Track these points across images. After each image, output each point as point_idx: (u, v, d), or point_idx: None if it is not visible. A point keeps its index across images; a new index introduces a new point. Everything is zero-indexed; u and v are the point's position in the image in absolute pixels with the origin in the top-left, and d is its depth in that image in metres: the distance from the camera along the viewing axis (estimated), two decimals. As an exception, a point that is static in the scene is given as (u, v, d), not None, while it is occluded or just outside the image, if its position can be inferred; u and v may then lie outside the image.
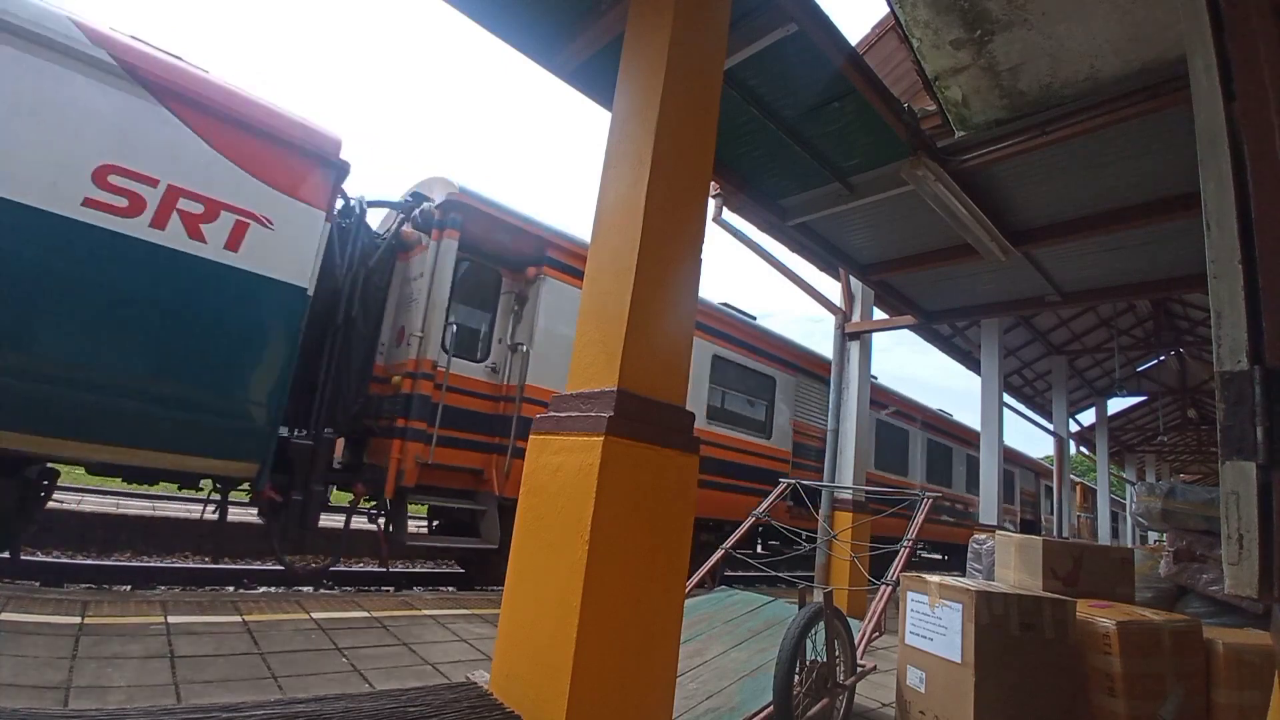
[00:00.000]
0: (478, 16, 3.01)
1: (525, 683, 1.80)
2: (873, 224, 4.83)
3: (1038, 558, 2.97)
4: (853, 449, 6.18)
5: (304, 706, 1.54)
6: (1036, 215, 4.44)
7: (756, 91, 3.38)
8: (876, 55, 4.33)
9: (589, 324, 2.05)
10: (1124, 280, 5.35)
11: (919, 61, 3.25)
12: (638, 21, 2.31)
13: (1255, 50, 1.40)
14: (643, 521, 1.85)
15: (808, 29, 2.79)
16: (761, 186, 4.43)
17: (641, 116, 2.09)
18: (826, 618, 2.17)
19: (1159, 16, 2.72)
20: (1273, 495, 1.19)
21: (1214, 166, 1.43)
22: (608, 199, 2.15)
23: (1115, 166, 3.74)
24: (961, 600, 2.32)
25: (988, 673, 2.22)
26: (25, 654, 2.27)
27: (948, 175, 3.79)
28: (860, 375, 6.38)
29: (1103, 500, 13.12)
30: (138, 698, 2.05)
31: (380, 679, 2.56)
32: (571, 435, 1.87)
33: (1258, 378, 1.24)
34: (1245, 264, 1.33)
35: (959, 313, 6.48)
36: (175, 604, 3.23)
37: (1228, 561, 1.23)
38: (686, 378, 2.10)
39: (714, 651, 2.60)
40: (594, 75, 3.25)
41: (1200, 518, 3.31)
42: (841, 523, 5.74)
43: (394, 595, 4.43)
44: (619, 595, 1.76)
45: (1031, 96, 3.33)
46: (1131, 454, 18.95)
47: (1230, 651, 2.55)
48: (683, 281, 2.09)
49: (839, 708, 2.30)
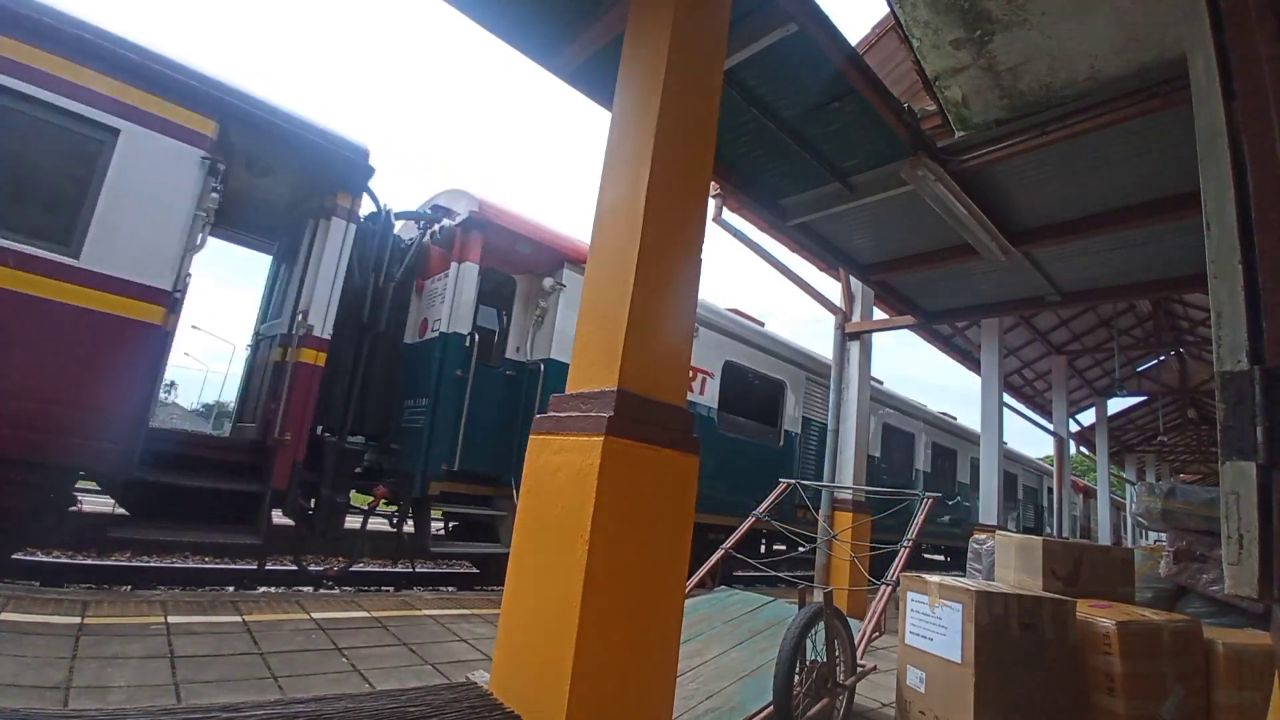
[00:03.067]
0: (478, 17, 3.01)
1: (525, 683, 1.80)
2: (873, 224, 4.83)
3: (1038, 558, 2.96)
4: (853, 449, 6.18)
5: (304, 706, 1.54)
6: (1036, 215, 4.43)
7: (756, 91, 3.38)
8: (876, 55, 4.33)
9: (589, 324, 2.05)
10: (1124, 280, 5.35)
11: (919, 61, 3.25)
12: (638, 21, 2.30)
13: (1255, 50, 1.40)
14: (643, 521, 1.84)
15: (808, 29, 2.79)
16: (761, 186, 4.43)
17: (641, 116, 2.09)
18: (826, 618, 2.17)
19: (1159, 16, 2.72)
20: (1273, 495, 1.19)
21: (1214, 166, 1.43)
22: (607, 199, 2.15)
23: (1115, 166, 3.74)
24: (961, 600, 2.32)
25: (988, 673, 2.22)
26: (25, 654, 2.27)
27: (948, 175, 3.79)
28: (860, 375, 6.38)
29: (1103, 500, 13.13)
30: (138, 698, 2.05)
31: (380, 679, 2.55)
32: (571, 435, 1.87)
33: (1258, 378, 1.24)
34: (1245, 264, 1.33)
35: (959, 313, 6.48)
36: (175, 604, 3.23)
37: (1228, 561, 1.23)
38: (686, 377, 2.11)
39: (714, 651, 2.60)
40: (594, 75, 3.25)
41: (1200, 518, 3.31)
42: (841, 523, 5.74)
43: (394, 595, 4.43)
44: (619, 595, 1.76)
45: (1031, 96, 3.33)
46: (1131, 454, 18.96)
47: (1230, 651, 2.55)
48: (683, 281, 2.09)
49: (839, 708, 2.30)
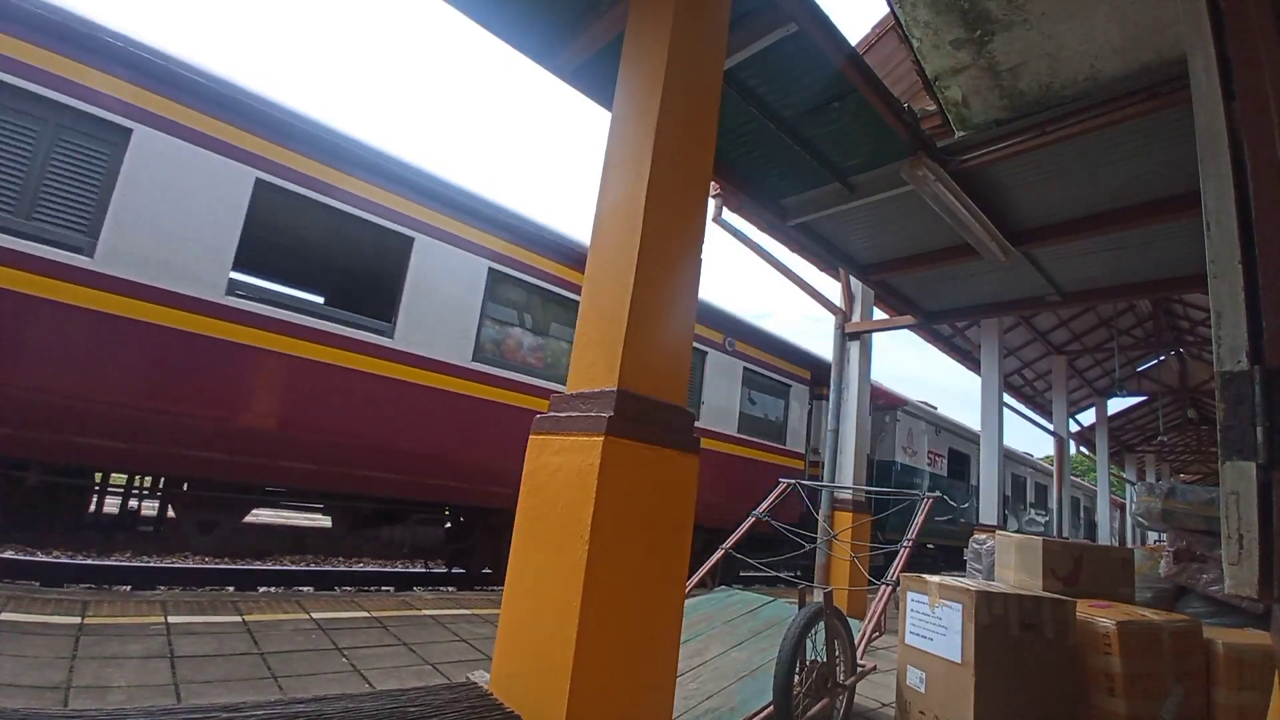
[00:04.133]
0: (478, 16, 3.01)
1: (525, 683, 1.80)
2: (873, 224, 4.83)
3: (1038, 558, 2.96)
4: (853, 449, 6.18)
5: (304, 706, 1.54)
6: (1036, 215, 4.43)
7: (756, 91, 3.37)
8: (876, 55, 4.33)
9: (589, 324, 2.05)
10: (1124, 280, 5.35)
11: (919, 61, 3.25)
12: (638, 21, 2.30)
13: (1255, 50, 1.40)
14: (643, 521, 1.84)
15: (808, 29, 2.79)
16: (761, 186, 4.43)
17: (641, 116, 2.09)
18: (826, 618, 2.17)
19: (1159, 16, 2.72)
20: (1273, 495, 1.19)
21: (1214, 166, 1.43)
22: (608, 199, 2.15)
23: (1115, 166, 3.74)
24: (961, 600, 2.32)
25: (988, 673, 2.22)
26: (25, 654, 2.27)
27: (948, 175, 3.79)
28: (860, 375, 6.38)
29: (1103, 500, 13.12)
30: (138, 698, 2.05)
31: (380, 679, 2.55)
32: (571, 435, 1.87)
33: (1258, 378, 1.24)
34: (1245, 264, 1.32)
35: (959, 313, 6.48)
36: (175, 604, 3.23)
37: (1228, 561, 1.23)
38: (687, 377, 2.10)
39: (714, 651, 2.60)
40: (594, 75, 3.25)
41: (1200, 518, 3.31)
42: (841, 523, 5.74)
43: (394, 595, 4.43)
44: (619, 595, 1.76)
45: (1031, 96, 3.33)
46: (1131, 454, 18.94)
47: (1230, 651, 2.55)
48: (683, 281, 2.09)
49: (839, 708, 2.30)
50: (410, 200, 5.12)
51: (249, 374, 4.33)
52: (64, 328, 3.67)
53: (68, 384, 3.69)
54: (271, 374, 4.43)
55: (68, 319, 3.68)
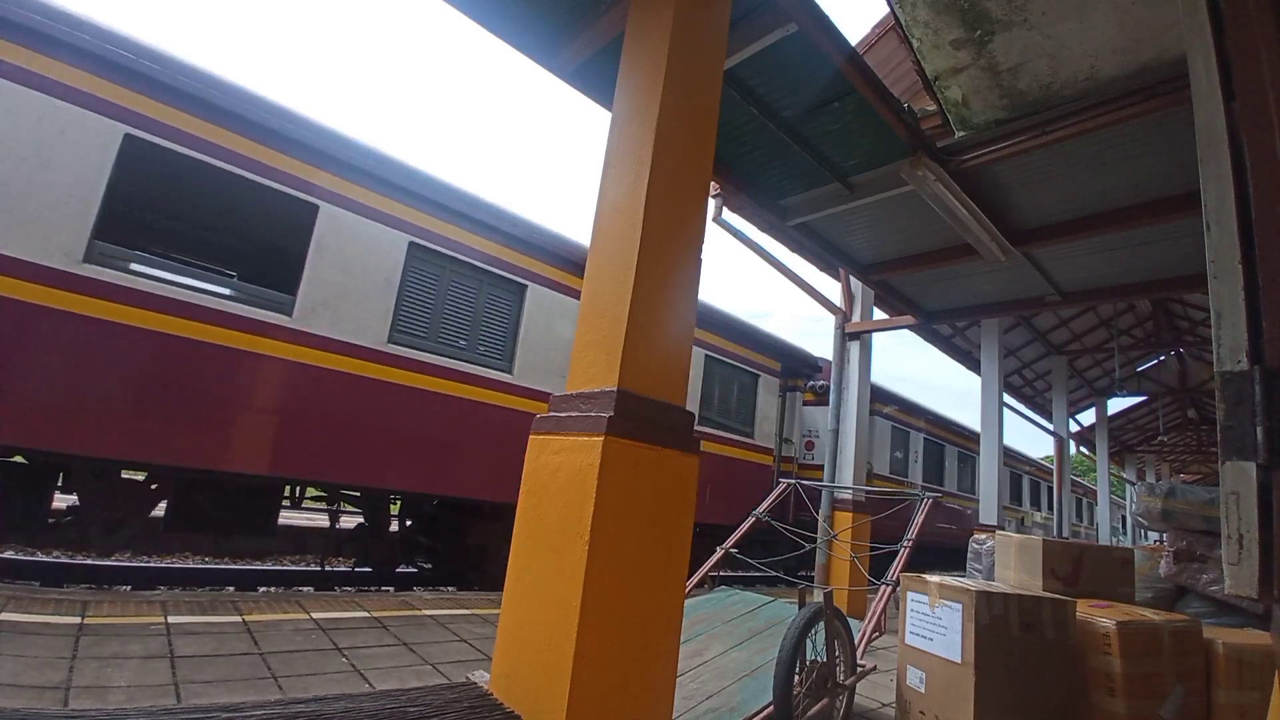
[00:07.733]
0: (478, 16, 3.01)
1: (525, 683, 1.80)
2: (873, 224, 4.83)
3: (1038, 558, 2.96)
4: (853, 449, 6.18)
5: (304, 706, 1.54)
6: (1036, 215, 4.43)
7: (756, 91, 3.37)
8: (876, 55, 4.33)
9: (589, 324, 2.05)
10: (1124, 280, 5.35)
11: (919, 61, 3.25)
12: (638, 21, 2.30)
13: (1255, 50, 1.40)
14: (643, 521, 1.84)
15: (808, 29, 2.79)
16: (761, 186, 4.43)
17: (641, 116, 2.09)
18: (826, 618, 2.17)
19: (1159, 16, 2.72)
20: (1273, 495, 1.19)
21: (1214, 166, 1.43)
22: (608, 199, 2.15)
23: (1115, 166, 3.74)
24: (961, 600, 2.32)
25: (988, 673, 2.22)
26: (25, 654, 2.27)
27: (948, 175, 3.79)
28: (860, 375, 6.38)
29: (1103, 500, 13.12)
30: (138, 698, 2.05)
31: (380, 679, 2.55)
32: (571, 435, 1.87)
33: (1258, 378, 1.24)
34: (1245, 264, 1.32)
35: (959, 313, 6.49)
36: (175, 604, 3.23)
37: (1228, 561, 1.23)
38: (687, 377, 2.10)
39: (714, 651, 2.60)
40: (594, 75, 3.25)
41: (1200, 518, 3.31)
42: (841, 523, 5.74)
43: (394, 595, 4.43)
44: (619, 595, 1.76)
45: (1031, 96, 3.33)
46: (1131, 454, 18.95)
47: (1230, 651, 2.55)
48: (683, 281, 2.09)
49: (839, 708, 2.30)
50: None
51: (105, 355, 3.79)
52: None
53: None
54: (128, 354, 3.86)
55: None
